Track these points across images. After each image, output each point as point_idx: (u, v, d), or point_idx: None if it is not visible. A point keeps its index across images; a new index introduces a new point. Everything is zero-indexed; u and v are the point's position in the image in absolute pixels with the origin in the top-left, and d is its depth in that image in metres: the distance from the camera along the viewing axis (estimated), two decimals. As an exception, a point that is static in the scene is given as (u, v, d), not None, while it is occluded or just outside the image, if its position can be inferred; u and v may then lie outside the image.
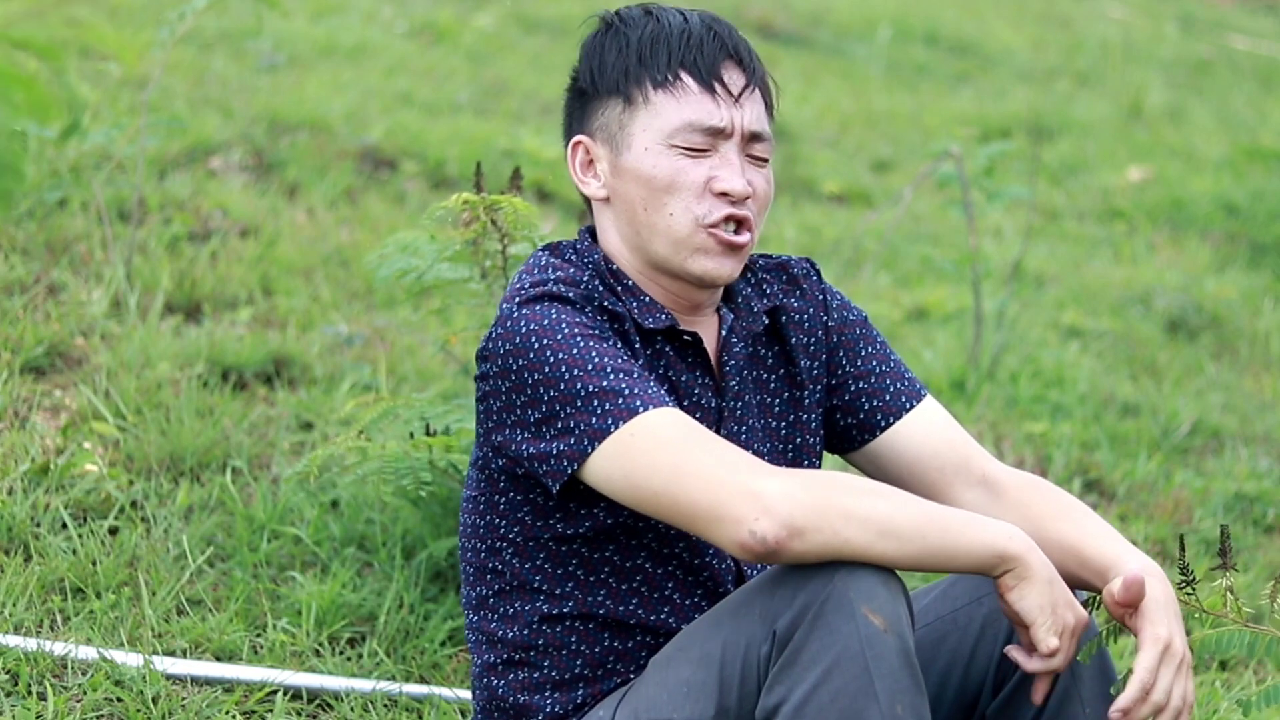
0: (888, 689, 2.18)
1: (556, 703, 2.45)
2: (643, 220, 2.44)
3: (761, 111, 2.47)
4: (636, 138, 2.43)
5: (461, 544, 2.52)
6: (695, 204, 2.41)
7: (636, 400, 2.27)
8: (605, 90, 2.46)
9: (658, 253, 2.44)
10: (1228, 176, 7.59)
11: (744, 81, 2.45)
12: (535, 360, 2.32)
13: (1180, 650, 2.32)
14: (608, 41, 2.48)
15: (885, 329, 5.39)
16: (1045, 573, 2.24)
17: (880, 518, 2.21)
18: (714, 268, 2.43)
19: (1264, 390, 5.43)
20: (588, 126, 2.49)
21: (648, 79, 2.43)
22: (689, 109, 2.42)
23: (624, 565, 2.42)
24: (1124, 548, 2.42)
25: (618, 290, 2.45)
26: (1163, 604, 2.34)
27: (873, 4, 10.63)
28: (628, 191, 2.44)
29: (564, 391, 2.30)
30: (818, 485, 2.21)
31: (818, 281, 2.61)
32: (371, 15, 8.33)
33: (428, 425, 3.20)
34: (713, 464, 2.23)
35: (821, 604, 2.19)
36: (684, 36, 2.43)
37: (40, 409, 3.75)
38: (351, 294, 4.77)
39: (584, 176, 2.50)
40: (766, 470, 2.23)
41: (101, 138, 4.66)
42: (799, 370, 2.56)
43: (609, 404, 2.27)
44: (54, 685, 2.86)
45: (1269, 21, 12.33)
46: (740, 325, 2.52)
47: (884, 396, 2.57)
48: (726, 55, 2.44)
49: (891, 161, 7.59)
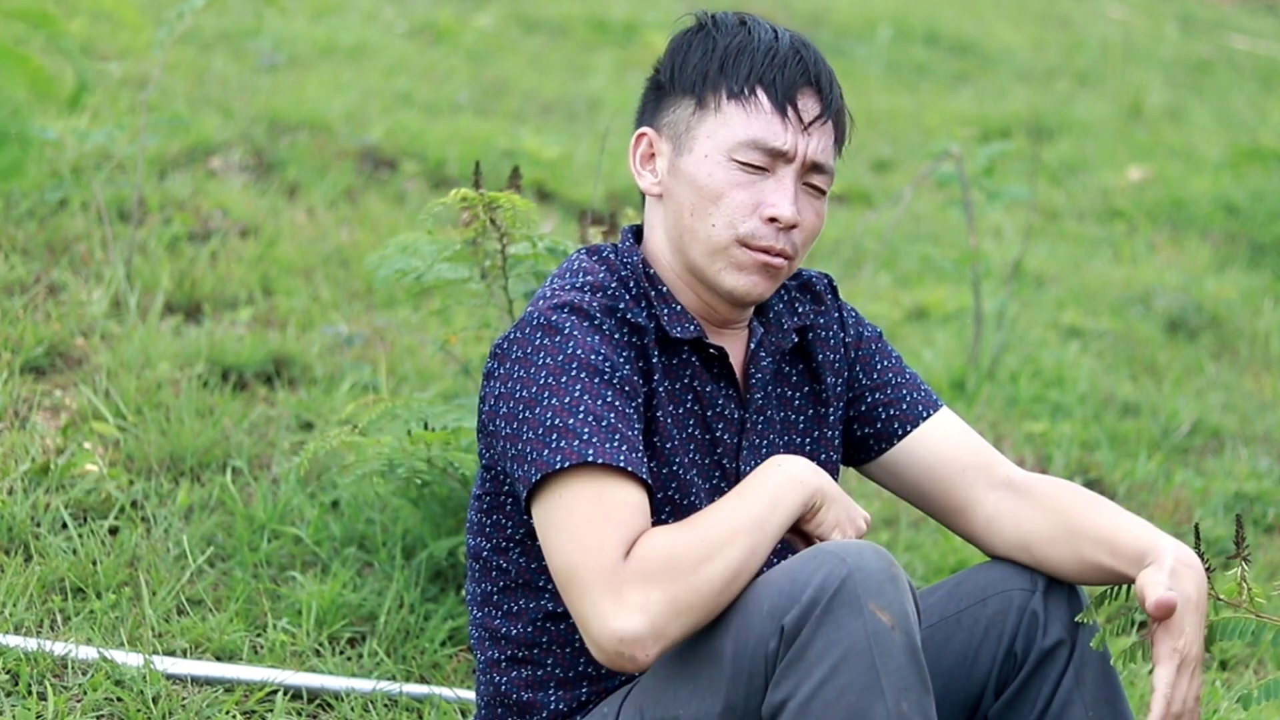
0: (894, 686, 2.18)
1: (561, 700, 2.45)
2: (687, 224, 2.44)
3: (829, 144, 2.46)
4: (700, 142, 2.43)
5: (469, 541, 2.52)
6: (741, 221, 2.41)
7: (589, 449, 2.28)
8: (681, 89, 2.46)
9: (695, 260, 2.45)
10: (1228, 176, 7.59)
11: (818, 111, 2.44)
12: (529, 375, 2.34)
13: (1196, 655, 2.34)
14: (695, 41, 2.48)
15: (885, 329, 5.39)
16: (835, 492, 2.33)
17: (716, 571, 2.24)
18: (745, 284, 2.43)
19: (1264, 390, 5.43)
20: (657, 121, 2.49)
21: (724, 87, 2.43)
22: (756, 126, 2.41)
23: None
24: (1156, 535, 2.43)
25: (650, 296, 2.45)
26: (1193, 604, 2.35)
27: (873, 4, 10.63)
28: (680, 193, 2.45)
29: (535, 415, 2.31)
30: (662, 588, 2.21)
31: (834, 299, 2.63)
32: (371, 15, 8.33)
33: (427, 425, 3.20)
34: (594, 564, 2.23)
35: (829, 600, 2.20)
36: (769, 54, 2.43)
37: (40, 409, 3.75)
38: (351, 294, 4.77)
39: (641, 169, 2.51)
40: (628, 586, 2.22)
41: (101, 138, 4.66)
42: (824, 388, 2.57)
43: (564, 442, 2.28)
44: (54, 685, 2.86)
45: (1269, 21, 12.33)
46: (770, 340, 2.53)
47: (900, 406, 2.58)
48: (807, 81, 2.44)
49: (891, 161, 7.59)
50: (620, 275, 2.46)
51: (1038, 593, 2.47)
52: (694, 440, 2.46)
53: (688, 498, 2.43)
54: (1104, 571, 2.43)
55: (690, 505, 2.42)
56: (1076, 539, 2.44)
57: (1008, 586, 2.46)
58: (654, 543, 2.23)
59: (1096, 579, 2.46)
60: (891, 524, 4.09)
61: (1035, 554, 2.48)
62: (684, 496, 2.42)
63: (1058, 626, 2.46)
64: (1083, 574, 2.46)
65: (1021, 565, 2.50)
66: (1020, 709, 2.45)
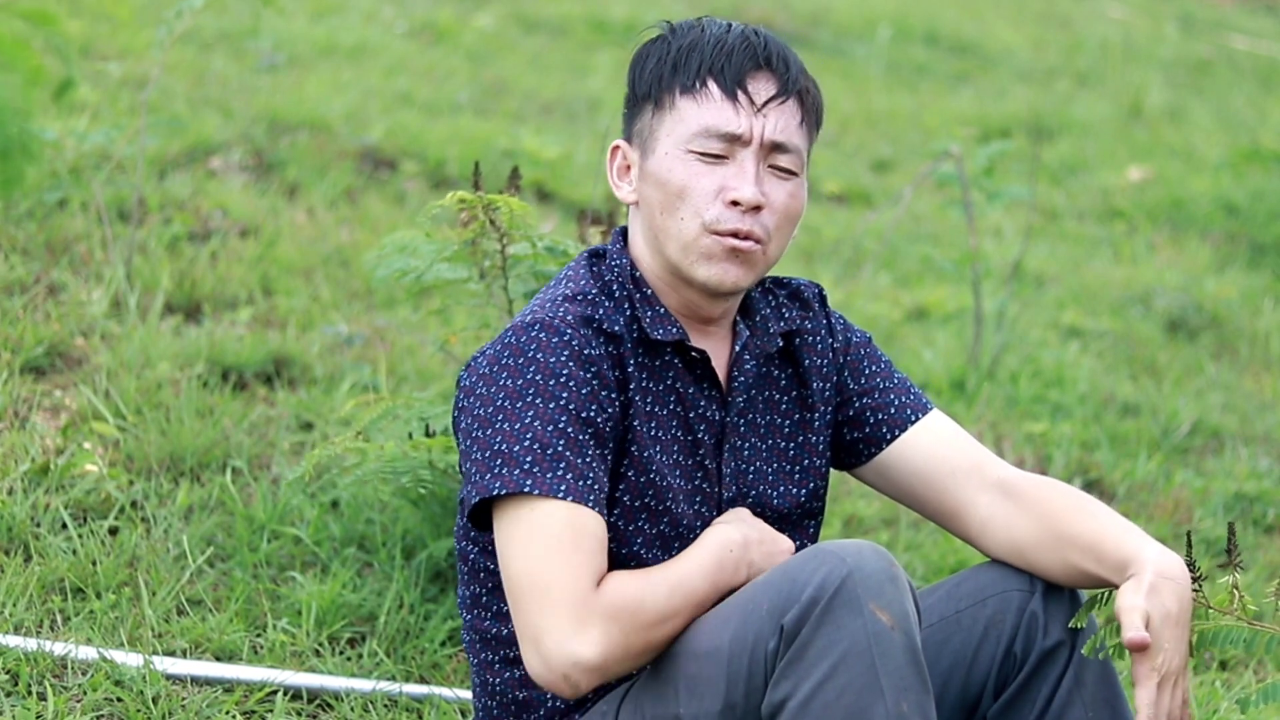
0: (894, 686, 2.19)
1: (557, 698, 2.45)
2: (659, 224, 2.45)
3: (790, 123, 2.46)
4: (660, 142, 2.45)
5: (457, 544, 2.53)
6: (705, 208, 2.42)
7: (528, 479, 2.31)
8: (642, 96, 2.49)
9: (671, 257, 2.46)
10: (1228, 176, 7.59)
11: (773, 90, 2.45)
12: (489, 394, 2.38)
13: (1177, 667, 2.34)
14: (652, 49, 2.50)
15: (885, 329, 5.39)
16: (754, 534, 2.41)
17: (665, 634, 2.32)
18: (718, 274, 2.44)
19: (1264, 390, 5.43)
20: (628, 132, 2.52)
21: (677, 85, 2.45)
22: (708, 114, 2.43)
23: (619, 566, 2.43)
24: (1142, 542, 2.42)
25: (635, 299, 2.47)
26: (1172, 619, 2.35)
27: (873, 4, 10.63)
28: (649, 195, 2.47)
29: (485, 436, 2.36)
30: (623, 631, 2.28)
31: (822, 306, 2.64)
32: (371, 15, 8.33)
33: (427, 425, 3.20)
34: (567, 584, 2.29)
35: (829, 600, 2.20)
36: (718, 45, 2.45)
37: (40, 409, 3.75)
38: (351, 294, 4.77)
39: (619, 181, 2.53)
40: (595, 617, 2.27)
41: (101, 138, 4.66)
42: (811, 393, 2.58)
43: (505, 469, 2.32)
44: (54, 685, 2.86)
45: (1269, 21, 12.33)
46: (754, 343, 2.54)
47: (889, 410, 2.59)
48: (755, 65, 2.45)
49: (891, 161, 7.59)
50: (604, 280, 2.49)
51: (1037, 594, 2.47)
52: (676, 441, 2.47)
53: (664, 503, 2.44)
54: (1091, 578, 2.44)
55: (667, 510, 2.44)
56: (1064, 545, 2.44)
57: (1007, 587, 2.47)
58: (626, 586, 2.30)
59: (1085, 584, 2.46)
60: (891, 524, 4.09)
61: (1026, 559, 2.49)
62: (660, 502, 2.43)
63: (1058, 627, 2.46)
64: (1071, 579, 2.46)
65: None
66: (1020, 709, 2.45)
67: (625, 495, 2.42)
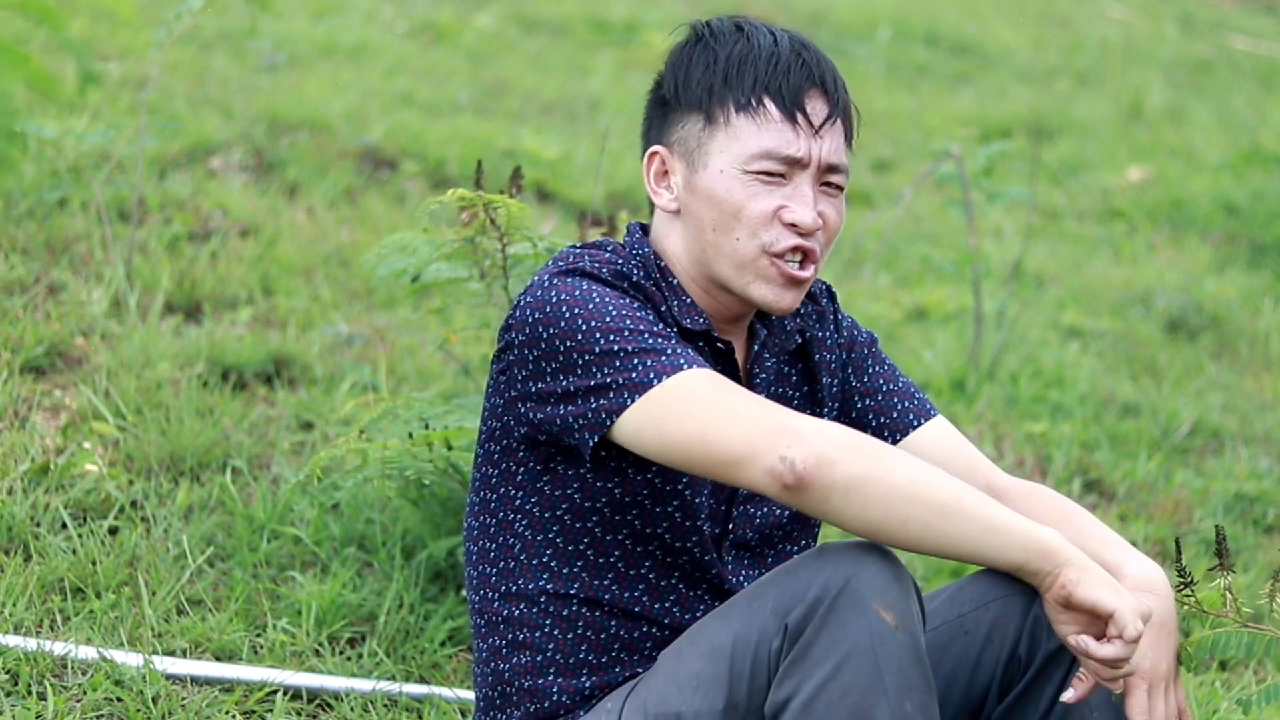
0: (898, 686, 2.18)
1: (563, 690, 2.45)
2: (710, 240, 2.44)
3: (840, 142, 2.46)
4: (714, 158, 2.43)
5: (468, 524, 2.52)
6: (763, 231, 2.42)
7: (680, 359, 2.29)
8: (687, 104, 2.46)
9: (721, 273, 2.45)
10: (1228, 177, 7.59)
11: (826, 112, 2.44)
12: (567, 328, 2.34)
13: (1165, 673, 2.36)
14: (695, 54, 2.47)
15: (885, 329, 5.39)
16: (1094, 565, 2.25)
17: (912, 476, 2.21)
18: (774, 297, 2.44)
19: (1264, 390, 5.44)
20: (666, 138, 2.49)
21: (731, 100, 2.42)
22: (768, 137, 2.41)
23: (634, 550, 2.43)
24: (1126, 554, 2.44)
25: (661, 285, 2.46)
26: (1154, 627, 2.36)
27: (873, 4, 10.63)
28: (699, 210, 2.44)
29: (599, 354, 2.31)
30: (854, 432, 2.23)
31: (831, 304, 2.64)
32: (371, 15, 8.33)
33: (427, 425, 3.20)
34: (748, 406, 2.26)
35: (834, 599, 2.20)
36: (771, 60, 2.42)
37: (40, 409, 3.75)
38: (351, 294, 4.77)
39: (657, 187, 2.50)
40: (804, 415, 2.25)
41: (101, 137, 4.66)
42: (820, 388, 2.59)
43: (650, 360, 2.29)
44: (54, 685, 2.86)
45: (1269, 21, 12.33)
46: (773, 342, 2.55)
47: (891, 414, 2.60)
48: (812, 84, 2.43)
49: (891, 161, 7.59)
50: (630, 264, 2.47)
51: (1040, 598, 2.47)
52: None
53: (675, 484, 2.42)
54: None
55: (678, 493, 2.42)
56: None
57: (1010, 591, 2.46)
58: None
59: None
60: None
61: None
62: (670, 484, 2.42)
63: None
64: None
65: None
66: (1024, 712, 2.45)
67: (637, 474, 2.41)
